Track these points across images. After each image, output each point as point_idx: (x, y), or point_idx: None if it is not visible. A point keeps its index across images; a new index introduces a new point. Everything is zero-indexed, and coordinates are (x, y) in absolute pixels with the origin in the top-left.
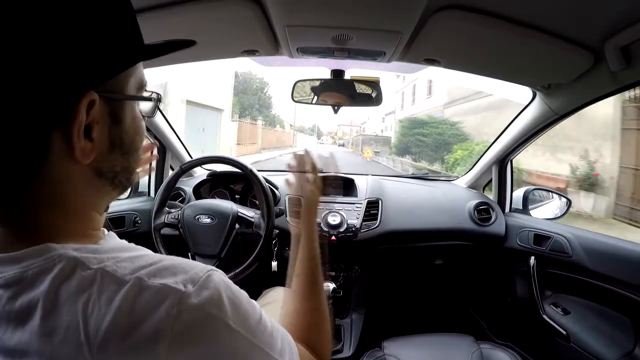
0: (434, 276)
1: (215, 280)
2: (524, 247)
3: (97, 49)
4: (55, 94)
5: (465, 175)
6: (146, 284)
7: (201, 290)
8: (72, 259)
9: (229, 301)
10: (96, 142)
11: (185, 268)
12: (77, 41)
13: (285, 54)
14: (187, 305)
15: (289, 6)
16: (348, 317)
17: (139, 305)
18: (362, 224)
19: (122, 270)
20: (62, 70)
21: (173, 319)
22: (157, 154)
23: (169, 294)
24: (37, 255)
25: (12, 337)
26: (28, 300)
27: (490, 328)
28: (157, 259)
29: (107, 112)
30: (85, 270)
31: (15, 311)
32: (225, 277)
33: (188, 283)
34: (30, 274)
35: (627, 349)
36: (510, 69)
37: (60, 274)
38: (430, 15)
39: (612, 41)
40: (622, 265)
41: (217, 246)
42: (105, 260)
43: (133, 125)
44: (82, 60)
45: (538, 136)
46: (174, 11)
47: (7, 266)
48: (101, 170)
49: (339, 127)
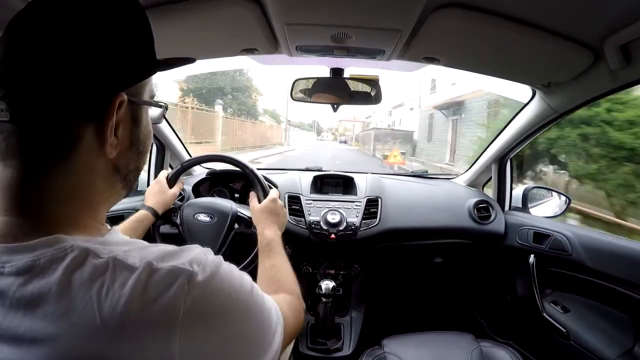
0: (433, 274)
1: (213, 260)
2: (524, 245)
3: (127, 59)
4: (95, 90)
5: (464, 174)
6: (156, 267)
7: (204, 268)
8: (84, 249)
9: (226, 275)
10: (120, 139)
11: (187, 252)
12: (114, 51)
13: (285, 53)
14: (196, 283)
15: (288, 4)
16: (348, 315)
17: (151, 286)
18: (362, 222)
19: (132, 258)
20: (102, 72)
21: (185, 295)
22: (156, 153)
23: (179, 273)
24: (48, 245)
25: (21, 324)
26: (40, 287)
27: (490, 326)
28: (162, 247)
29: (130, 114)
30: (96, 259)
31: (26, 298)
32: (216, 256)
33: (194, 263)
34: (42, 262)
35: (627, 347)
36: (510, 67)
37: (72, 262)
38: (429, 14)
39: (611, 40)
40: (622, 264)
41: (216, 245)
42: (115, 251)
43: (147, 128)
44: (116, 66)
45: (537, 134)
46: (173, 10)
47: (18, 254)
48: (118, 167)
49: (340, 123)
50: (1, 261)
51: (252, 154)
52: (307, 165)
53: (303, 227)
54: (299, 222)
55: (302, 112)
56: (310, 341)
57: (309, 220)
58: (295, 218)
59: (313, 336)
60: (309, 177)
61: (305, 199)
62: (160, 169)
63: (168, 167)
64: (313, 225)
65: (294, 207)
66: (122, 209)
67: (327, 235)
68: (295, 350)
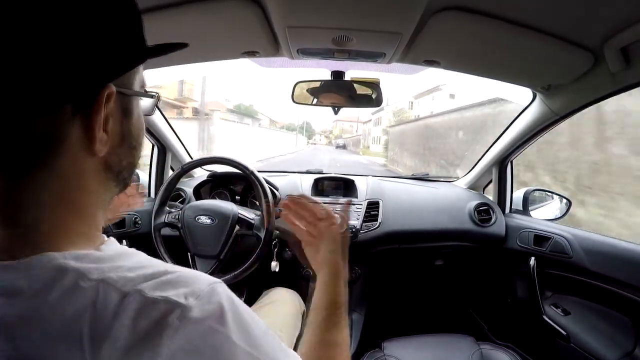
0: (434, 277)
1: (219, 293)
2: (524, 247)
3: (115, 46)
4: (80, 82)
5: (465, 176)
6: (147, 296)
7: (203, 303)
8: (73, 271)
9: (232, 315)
10: (110, 134)
11: (187, 281)
12: (100, 38)
13: (286, 55)
14: (188, 319)
15: (290, 7)
16: (348, 318)
17: (140, 319)
18: (363, 224)
19: (122, 280)
20: (87, 62)
21: (174, 332)
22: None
23: (170, 307)
24: (36, 266)
25: (6, 349)
26: (27, 312)
27: (490, 329)
28: (159, 270)
29: (120, 106)
30: (86, 282)
31: (13, 323)
32: (228, 291)
33: (189, 296)
34: (29, 285)
35: (628, 349)
36: (510, 70)
37: (60, 286)
38: (430, 17)
39: (612, 42)
40: (622, 266)
41: (217, 247)
42: (106, 271)
43: (139, 120)
44: (103, 55)
45: (538, 137)
46: (174, 13)
47: (5, 274)
48: (110, 165)
49: (336, 124)
50: None
51: None
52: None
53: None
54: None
55: (291, 113)
56: None
57: None
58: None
59: None
60: (310, 180)
61: None
62: (161, 171)
63: (169, 170)
64: None
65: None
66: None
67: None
68: None
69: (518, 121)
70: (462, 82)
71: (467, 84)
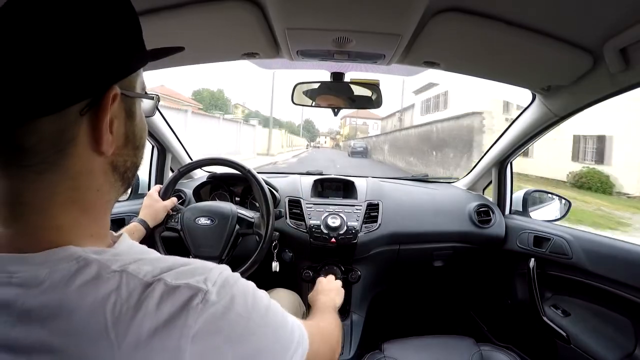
0: (434, 278)
1: (229, 278)
2: (524, 249)
3: (119, 50)
4: (87, 85)
5: (465, 177)
6: (170, 284)
7: (218, 288)
8: (95, 262)
9: (242, 295)
10: (115, 136)
11: (203, 270)
12: (105, 42)
13: (286, 57)
14: (210, 302)
15: (289, 9)
16: (348, 319)
17: (165, 305)
18: (362, 226)
19: (144, 272)
20: (94, 65)
21: (198, 315)
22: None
23: (193, 292)
24: (57, 257)
25: (29, 336)
26: (49, 301)
27: (490, 330)
28: (176, 262)
29: (124, 108)
30: (108, 273)
31: (35, 312)
32: (236, 275)
33: (207, 282)
34: (51, 275)
35: (628, 350)
36: (510, 71)
37: (83, 276)
38: (430, 18)
39: (611, 43)
40: (622, 267)
41: (218, 248)
42: (127, 263)
43: (142, 121)
44: (108, 58)
45: (538, 138)
46: (174, 14)
47: (26, 265)
48: (116, 165)
49: (344, 121)
50: (9, 271)
51: None
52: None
53: (303, 231)
54: (300, 226)
55: (293, 112)
56: None
57: (310, 224)
58: (295, 222)
59: None
60: (310, 181)
61: (305, 202)
62: (161, 172)
63: (169, 171)
64: (313, 229)
65: (295, 211)
66: (123, 212)
67: (328, 239)
68: None
69: (518, 122)
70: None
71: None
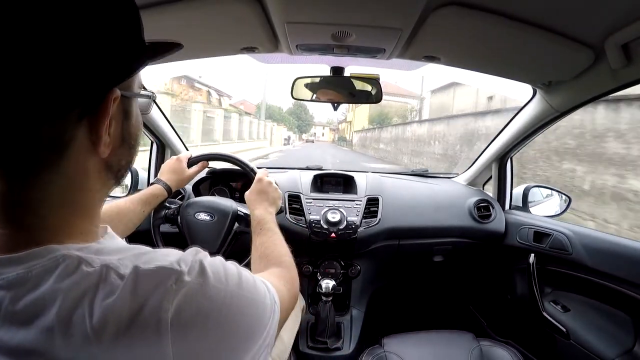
0: (433, 273)
1: (200, 258)
2: (524, 244)
3: (119, 53)
4: (88, 88)
5: (465, 173)
6: (143, 269)
7: (190, 268)
8: (76, 258)
9: (212, 267)
10: (112, 137)
11: (176, 252)
12: (105, 45)
13: (285, 51)
14: (184, 282)
15: (289, 3)
16: (348, 314)
17: (140, 289)
18: (362, 221)
19: (124, 267)
20: (95, 68)
21: (173, 296)
22: (156, 152)
23: (165, 273)
24: (39, 256)
25: (14, 337)
26: (32, 300)
27: (490, 325)
28: (151, 250)
29: (122, 109)
30: (88, 267)
31: (19, 311)
32: (206, 253)
33: (181, 262)
34: (33, 274)
35: (627, 346)
36: (511, 66)
37: (64, 272)
38: (430, 12)
39: (612, 38)
40: (622, 263)
41: (216, 244)
42: (108, 260)
43: (137, 120)
44: (109, 61)
45: (538, 133)
46: (173, 8)
47: (9, 267)
48: (110, 165)
49: (353, 110)
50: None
51: None
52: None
53: (303, 226)
54: (299, 221)
55: (285, 99)
56: (310, 340)
57: (309, 219)
58: (295, 217)
59: (313, 335)
60: (309, 176)
61: (305, 197)
62: (159, 167)
63: None
64: (313, 224)
65: (294, 206)
66: None
67: (328, 234)
68: (295, 349)
69: (518, 117)
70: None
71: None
